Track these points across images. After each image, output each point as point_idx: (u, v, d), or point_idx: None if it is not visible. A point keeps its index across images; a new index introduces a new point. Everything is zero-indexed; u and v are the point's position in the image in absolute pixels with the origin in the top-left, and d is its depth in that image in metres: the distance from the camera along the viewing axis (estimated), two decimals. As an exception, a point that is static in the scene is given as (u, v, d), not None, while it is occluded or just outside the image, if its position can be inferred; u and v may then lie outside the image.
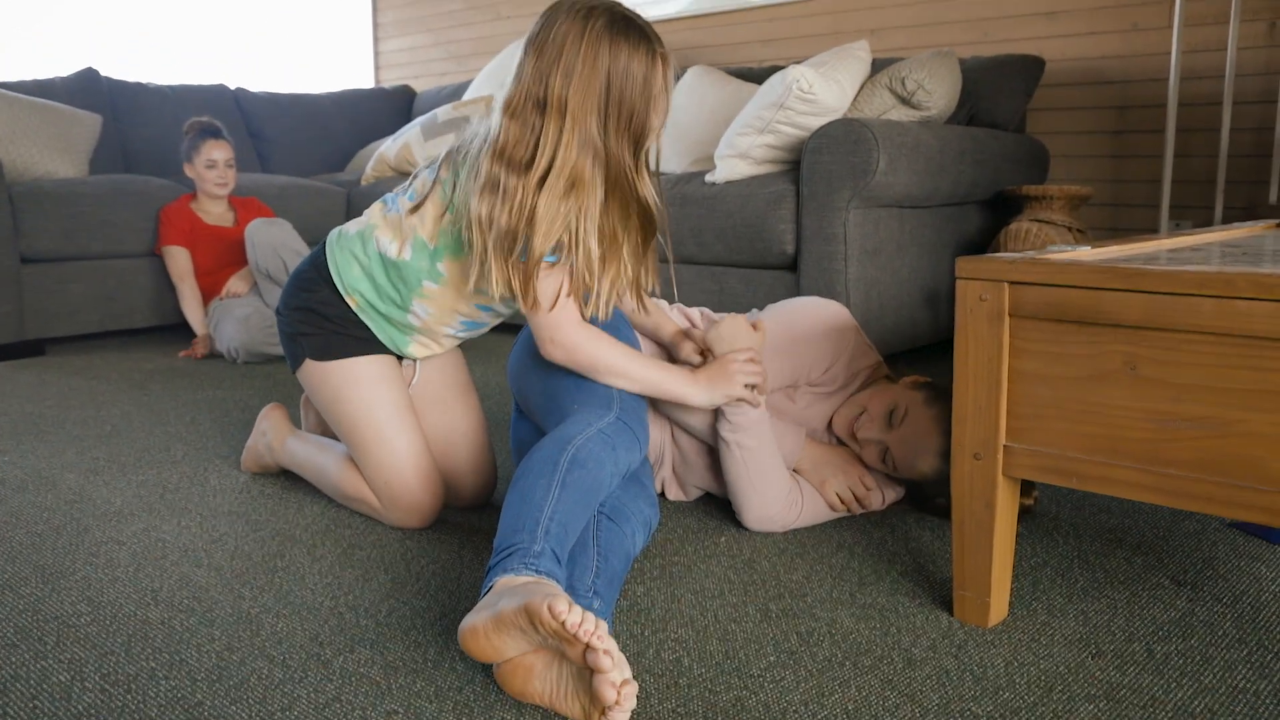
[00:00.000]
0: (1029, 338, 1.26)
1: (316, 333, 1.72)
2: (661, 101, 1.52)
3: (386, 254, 1.67)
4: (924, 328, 2.94)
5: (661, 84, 1.50)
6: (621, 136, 1.49)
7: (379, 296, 1.70)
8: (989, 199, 3.11)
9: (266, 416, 2.03)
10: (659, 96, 1.51)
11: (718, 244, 2.89)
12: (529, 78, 1.48)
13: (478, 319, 1.73)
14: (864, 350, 1.81)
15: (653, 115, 1.51)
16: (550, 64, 1.46)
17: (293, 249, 3.34)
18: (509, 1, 5.22)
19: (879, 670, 1.25)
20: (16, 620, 1.41)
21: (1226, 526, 1.71)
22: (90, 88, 4.18)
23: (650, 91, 1.49)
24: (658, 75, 1.49)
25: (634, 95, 1.48)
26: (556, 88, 1.45)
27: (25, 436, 2.38)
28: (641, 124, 1.50)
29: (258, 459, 2.04)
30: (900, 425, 1.67)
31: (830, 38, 4.02)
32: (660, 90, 1.51)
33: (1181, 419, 1.15)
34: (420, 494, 1.71)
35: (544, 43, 1.47)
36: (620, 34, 1.46)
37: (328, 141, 4.94)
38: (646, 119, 1.50)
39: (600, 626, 1.10)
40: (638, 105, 1.48)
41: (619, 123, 1.48)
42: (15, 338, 3.33)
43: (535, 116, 1.47)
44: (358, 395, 1.71)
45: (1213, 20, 3.17)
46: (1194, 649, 1.29)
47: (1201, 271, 1.12)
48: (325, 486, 1.86)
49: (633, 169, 1.51)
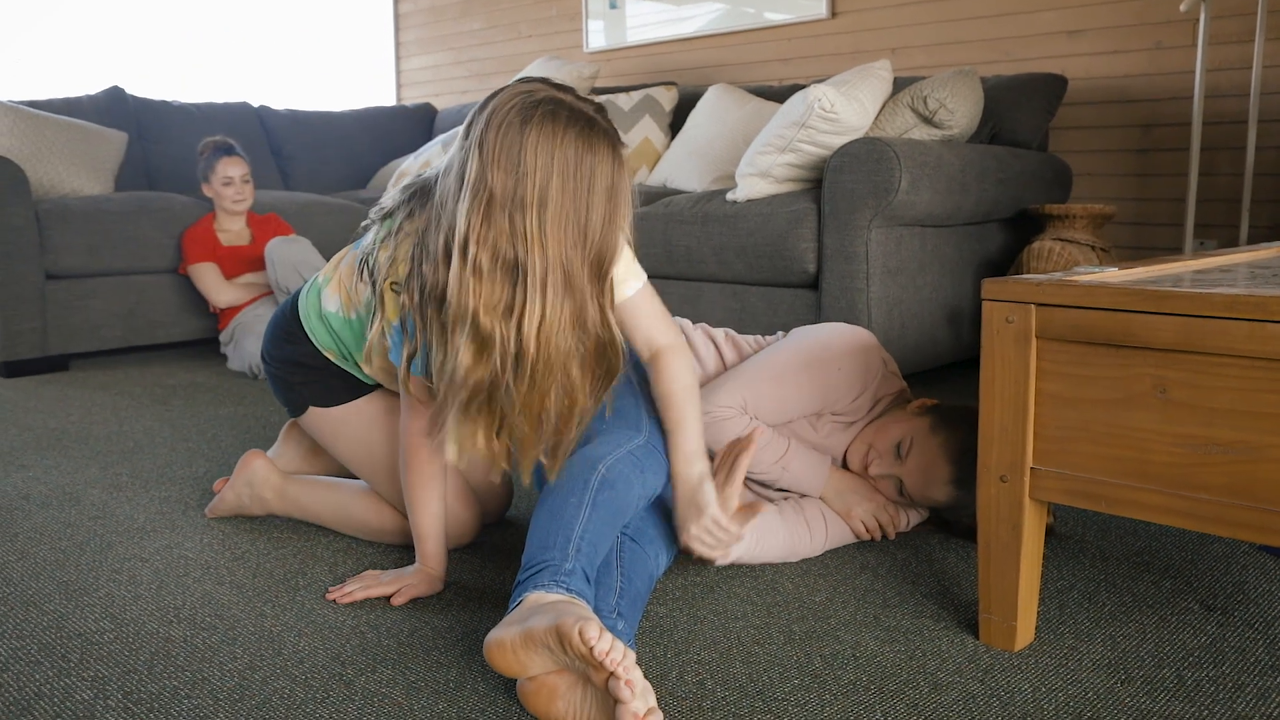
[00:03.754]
0: (1056, 360, 1.25)
1: (314, 381, 1.69)
2: (626, 211, 1.36)
3: (334, 315, 1.61)
4: (946, 347, 2.93)
5: (627, 194, 1.36)
6: (589, 267, 1.33)
7: (346, 346, 1.64)
8: (1011, 218, 3.10)
9: (248, 467, 1.84)
10: (625, 207, 1.36)
11: (739, 262, 2.89)
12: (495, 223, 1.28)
13: None
14: (889, 379, 1.79)
15: (619, 233, 1.36)
16: (524, 201, 1.28)
17: (313, 266, 3.35)
18: (529, 20, 5.25)
19: (905, 695, 1.24)
20: (40, 637, 1.41)
21: (1256, 550, 1.69)
22: (116, 106, 4.23)
23: (619, 206, 1.34)
24: (624, 183, 1.35)
25: (604, 220, 1.32)
26: (533, 228, 1.28)
27: (49, 452, 2.40)
28: (612, 249, 1.35)
29: (235, 509, 1.88)
30: (908, 458, 1.66)
31: (851, 57, 4.03)
32: (626, 201, 1.35)
33: (1212, 443, 1.14)
34: (462, 512, 1.69)
35: (509, 160, 1.28)
36: (586, 148, 1.30)
37: (349, 159, 4.97)
38: (615, 242, 1.35)
39: (628, 656, 1.09)
40: (608, 232, 1.33)
41: (591, 255, 1.32)
42: (39, 353, 3.36)
43: (507, 274, 1.30)
44: (375, 431, 1.69)
45: (1237, 39, 3.16)
46: (1226, 676, 1.28)
47: (1233, 294, 1.10)
48: (349, 527, 1.79)
49: (597, 298, 1.35)
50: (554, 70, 4.34)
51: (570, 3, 5.05)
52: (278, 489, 1.83)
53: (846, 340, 1.75)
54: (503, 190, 1.28)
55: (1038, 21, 3.56)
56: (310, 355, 1.68)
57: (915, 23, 3.86)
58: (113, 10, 5.36)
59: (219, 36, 5.77)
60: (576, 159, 1.29)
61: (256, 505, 1.85)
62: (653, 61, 4.73)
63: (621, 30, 4.84)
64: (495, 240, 1.28)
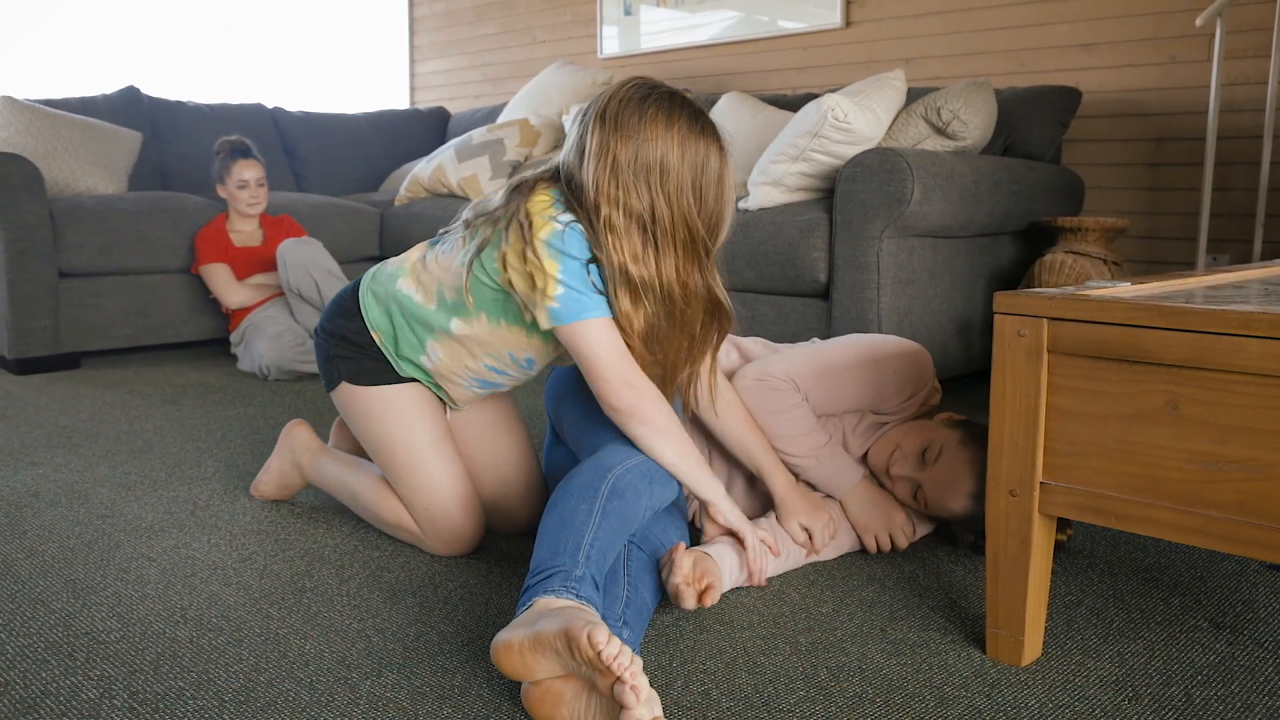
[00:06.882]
0: (1067, 374, 1.24)
1: (352, 357, 1.72)
2: (731, 202, 1.52)
3: (409, 299, 1.66)
4: (956, 358, 2.92)
5: (729, 184, 1.50)
6: (702, 240, 1.49)
7: (398, 337, 1.69)
8: (1023, 230, 3.09)
9: (291, 434, 1.97)
10: (732, 201, 1.52)
11: (749, 270, 2.89)
12: (621, 186, 1.43)
13: (487, 378, 1.70)
14: (933, 393, 1.83)
15: (727, 219, 1.52)
16: (642, 171, 1.43)
17: (324, 268, 3.36)
18: (544, 26, 5.26)
19: (910, 708, 1.23)
20: (47, 635, 1.42)
21: (1266, 568, 1.68)
22: (131, 106, 4.25)
23: (724, 192, 1.49)
24: (728, 172, 1.50)
25: (715, 200, 1.48)
26: (649, 199, 1.43)
27: (59, 450, 2.41)
28: (721, 228, 1.51)
29: (279, 479, 1.98)
30: (934, 465, 1.66)
31: (865, 66, 4.02)
32: (733, 196, 1.52)
33: (1224, 461, 1.13)
34: (462, 520, 1.70)
35: (628, 140, 1.43)
36: (698, 133, 1.45)
37: (362, 162, 4.99)
38: (725, 222, 1.51)
39: (635, 663, 1.09)
40: (720, 210, 1.49)
41: (705, 226, 1.48)
42: (51, 351, 3.37)
43: (640, 228, 1.45)
44: (396, 421, 1.70)
45: (1253, 53, 3.15)
46: (1234, 695, 1.27)
47: (1246, 311, 1.10)
48: (358, 509, 1.85)
49: (710, 269, 1.51)
50: (568, 76, 4.35)
51: (585, 9, 5.05)
52: (311, 457, 1.93)
53: (903, 345, 1.79)
54: (625, 154, 1.42)
55: (1053, 34, 3.56)
56: (357, 332, 1.72)
57: (930, 33, 3.86)
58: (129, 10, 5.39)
59: (234, 37, 5.80)
60: (692, 139, 1.44)
61: (295, 474, 1.96)
62: (666, 69, 4.74)
63: (635, 37, 4.85)
64: (623, 198, 1.43)
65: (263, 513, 1.96)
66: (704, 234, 1.47)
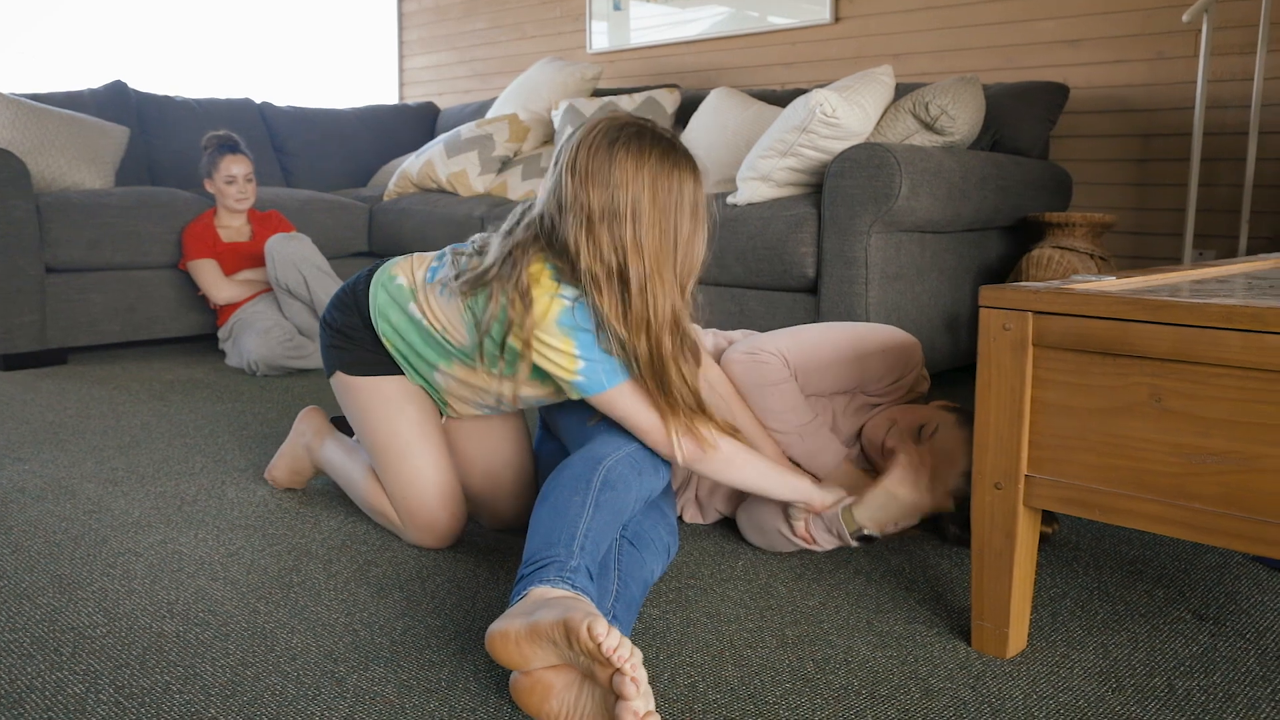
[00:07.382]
0: (1052, 368, 1.25)
1: (347, 347, 1.73)
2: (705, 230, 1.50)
3: (421, 323, 1.65)
4: (944, 353, 2.93)
5: (704, 213, 1.49)
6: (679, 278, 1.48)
7: (411, 352, 1.69)
8: (1011, 225, 3.10)
9: (305, 418, 2.01)
10: (702, 226, 1.50)
11: (738, 265, 2.89)
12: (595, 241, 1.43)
13: (495, 407, 1.73)
14: (920, 381, 1.87)
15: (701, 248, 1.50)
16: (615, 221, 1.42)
17: (313, 263, 3.35)
18: (533, 21, 5.25)
19: (896, 700, 1.24)
20: (33, 630, 1.41)
21: (1249, 560, 1.69)
22: (118, 100, 4.23)
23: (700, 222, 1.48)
24: (702, 202, 1.49)
25: (690, 233, 1.47)
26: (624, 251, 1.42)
27: (45, 445, 2.40)
28: (696, 263, 1.50)
29: (292, 463, 2.01)
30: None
31: (853, 62, 4.03)
32: (704, 220, 1.50)
33: (1207, 453, 1.14)
34: (439, 512, 1.70)
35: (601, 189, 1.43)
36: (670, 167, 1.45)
37: (351, 157, 4.97)
38: (699, 256, 1.50)
39: (635, 654, 1.10)
40: (694, 244, 1.48)
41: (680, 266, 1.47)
42: (38, 346, 3.36)
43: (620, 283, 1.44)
44: (384, 412, 1.71)
45: (1239, 50, 3.16)
46: (1216, 685, 1.28)
47: (1229, 305, 1.11)
48: (353, 495, 1.87)
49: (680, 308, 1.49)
50: (556, 71, 4.34)
51: (574, 4, 5.05)
52: (319, 440, 1.96)
53: (893, 331, 1.83)
54: (598, 205, 1.42)
55: (1040, 30, 3.57)
56: (354, 327, 1.72)
57: (918, 29, 3.87)
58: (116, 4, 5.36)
59: (222, 32, 5.78)
60: (664, 176, 1.44)
61: (305, 458, 1.99)
62: (656, 64, 4.74)
63: (625, 32, 4.85)
64: (601, 253, 1.42)
65: (250, 508, 1.95)
66: (682, 270, 1.47)
